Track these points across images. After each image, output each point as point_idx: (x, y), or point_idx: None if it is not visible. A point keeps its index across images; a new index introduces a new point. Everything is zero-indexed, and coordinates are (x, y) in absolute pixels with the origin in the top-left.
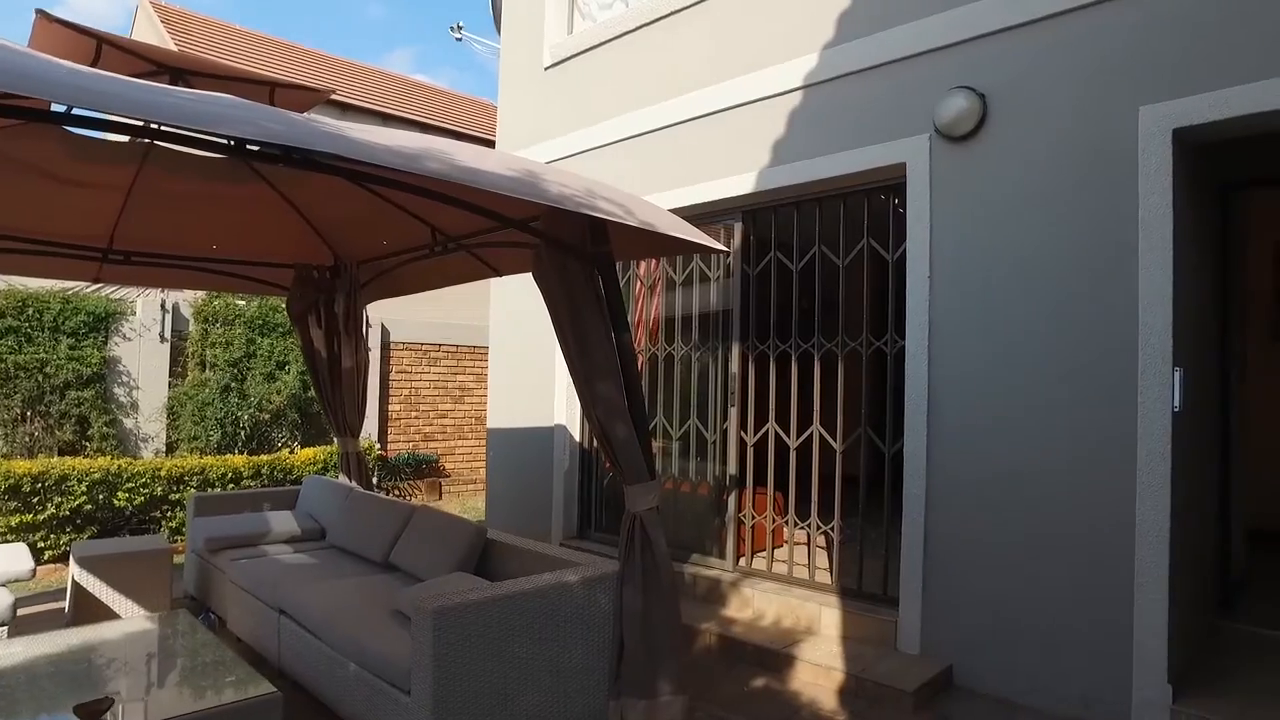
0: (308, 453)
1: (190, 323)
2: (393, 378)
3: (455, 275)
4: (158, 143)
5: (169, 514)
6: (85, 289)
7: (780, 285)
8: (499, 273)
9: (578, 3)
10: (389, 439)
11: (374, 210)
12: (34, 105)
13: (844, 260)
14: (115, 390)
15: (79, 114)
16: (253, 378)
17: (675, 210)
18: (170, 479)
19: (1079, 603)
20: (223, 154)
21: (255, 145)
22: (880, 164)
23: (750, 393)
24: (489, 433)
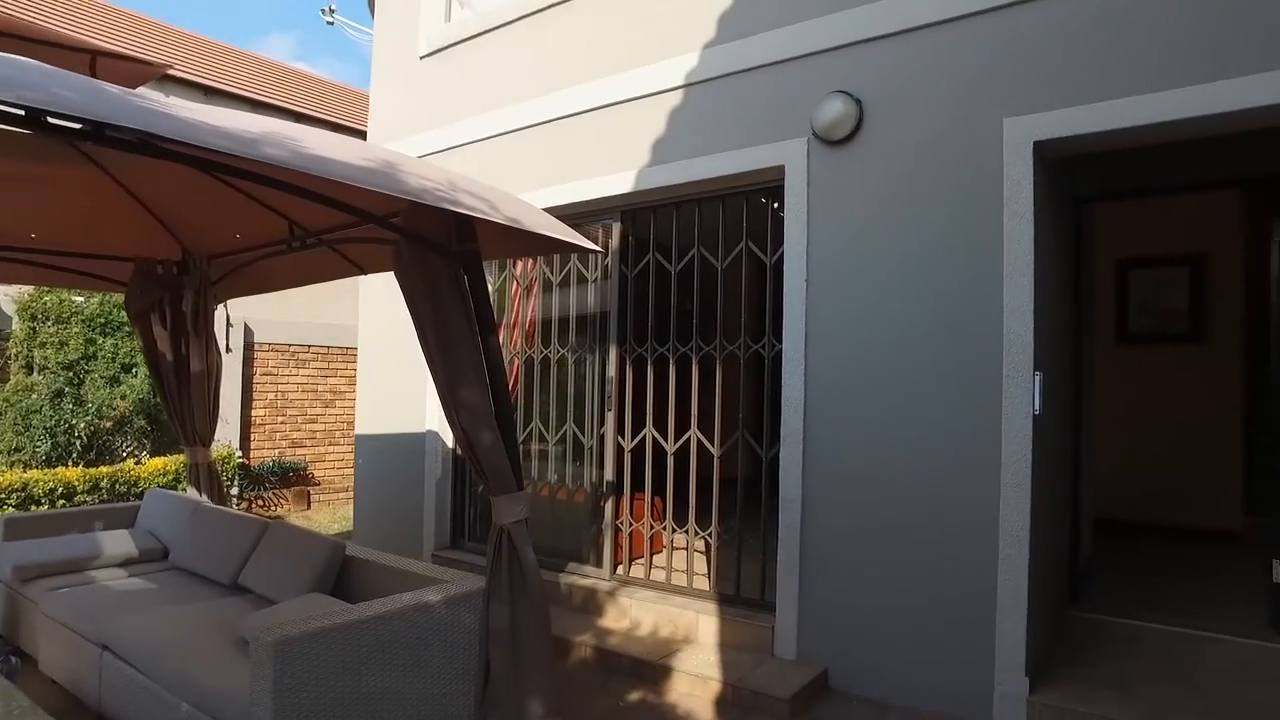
0: (157, 463)
1: (14, 320)
2: (256, 380)
3: (318, 272)
4: None
5: None
6: None
7: (659, 287)
8: (364, 270)
9: None
10: (252, 446)
11: (225, 201)
12: None
13: (723, 263)
14: None
15: None
16: (92, 381)
17: (553, 209)
18: None
19: (946, 602)
20: (17, 126)
21: (55, 118)
22: (759, 166)
23: (628, 397)
24: (357, 439)
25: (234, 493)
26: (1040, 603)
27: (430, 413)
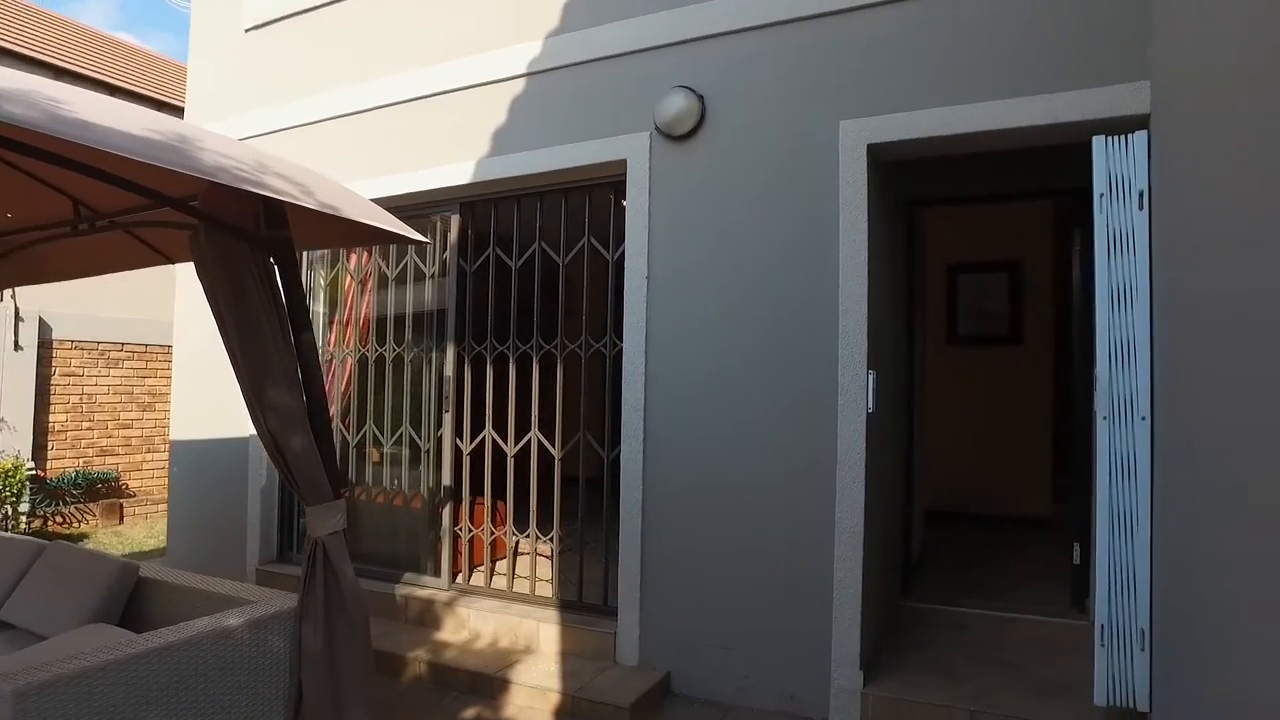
0: None
1: None
2: (55, 382)
3: (116, 260)
4: None
5: None
6: None
7: (499, 283)
8: (170, 260)
9: None
10: (49, 456)
11: None
12: None
13: (565, 258)
14: None
15: None
16: None
17: (388, 198)
18: None
19: (784, 600)
20: None
21: None
22: (602, 160)
23: (467, 397)
24: (172, 445)
25: (23, 509)
26: (875, 597)
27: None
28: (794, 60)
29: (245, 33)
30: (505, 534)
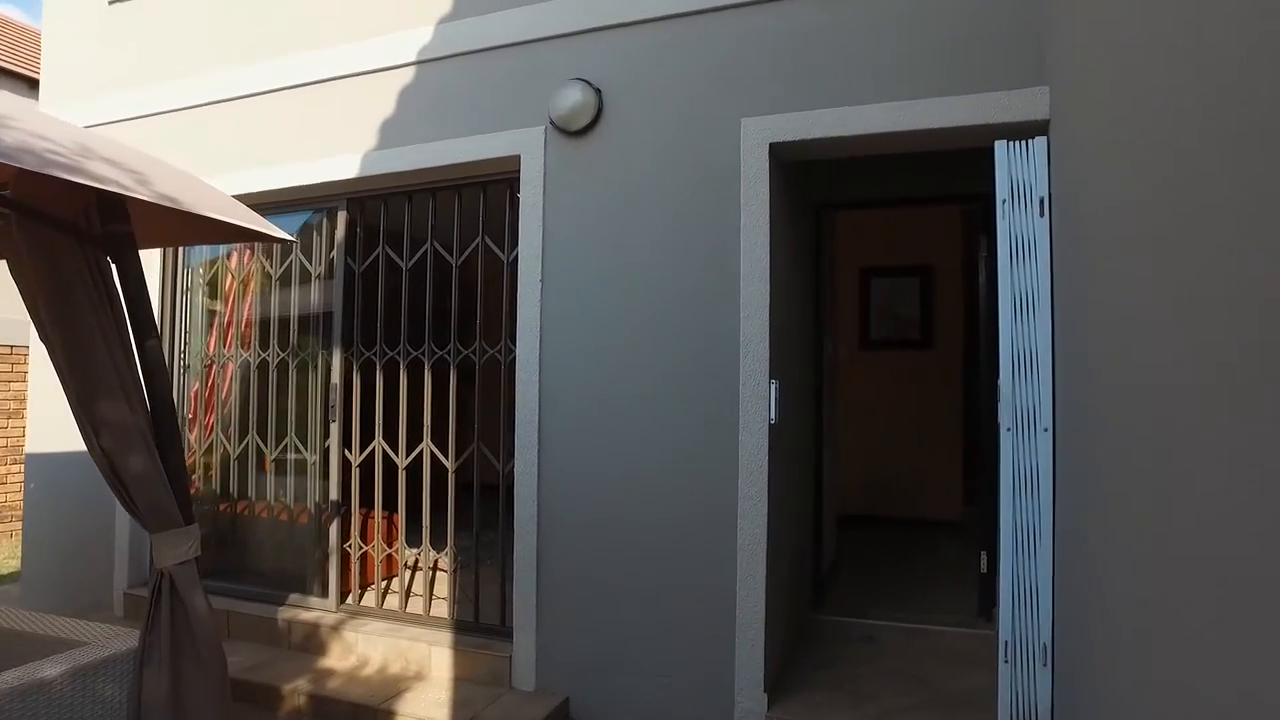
0: None
1: None
2: None
3: None
4: None
5: None
6: None
7: (389, 284)
8: None
9: None
10: None
11: None
12: None
13: (458, 259)
14: None
15: None
16: None
17: (269, 192)
18: None
19: (687, 621)
20: None
21: None
22: (496, 155)
23: (355, 405)
24: (28, 458)
25: None
26: (781, 614)
27: None
28: (696, 54)
29: (109, 5)
30: (398, 551)
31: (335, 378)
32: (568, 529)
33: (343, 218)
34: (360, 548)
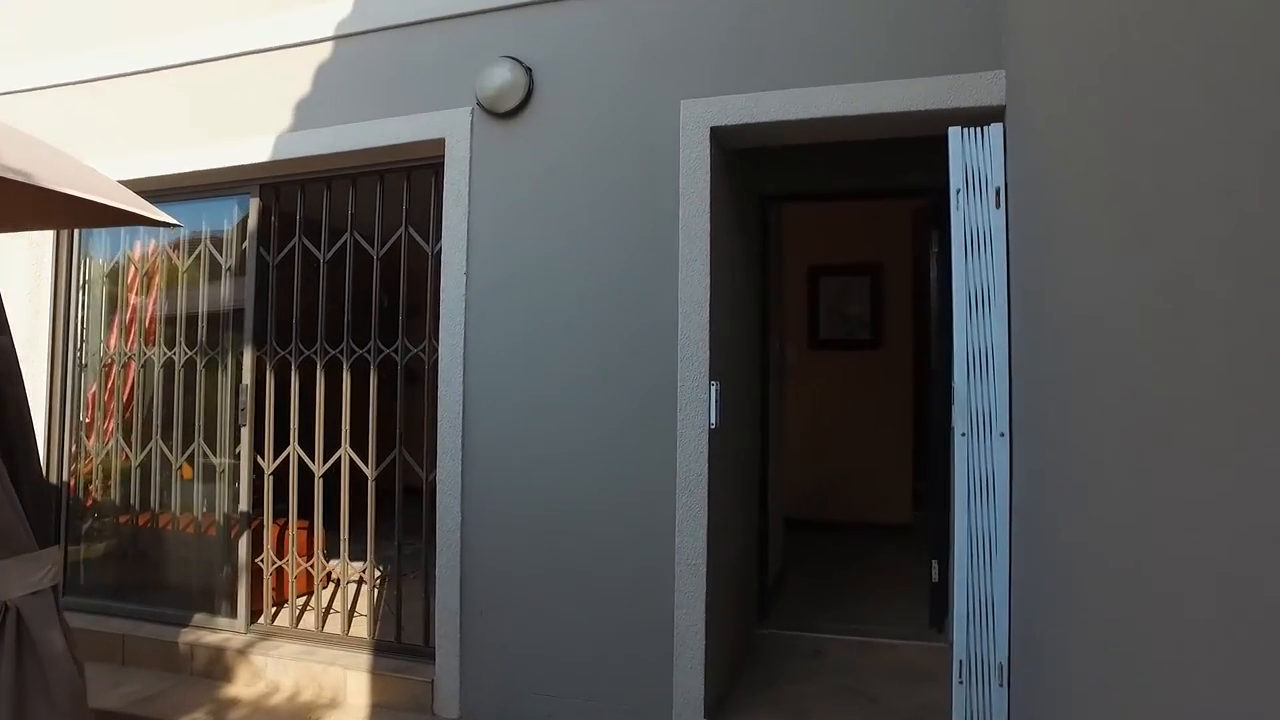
0: None
1: None
2: None
3: None
4: None
5: None
6: None
7: (307, 278)
8: None
9: None
10: None
11: None
12: None
13: (380, 251)
14: None
15: None
16: None
17: (170, 176)
18: None
19: (622, 639)
20: None
21: None
22: (418, 138)
23: (269, 409)
24: None
25: None
26: (722, 631)
27: None
28: (633, 32)
29: None
30: (314, 565)
31: (246, 378)
32: (495, 543)
33: (255, 205)
34: (274, 562)
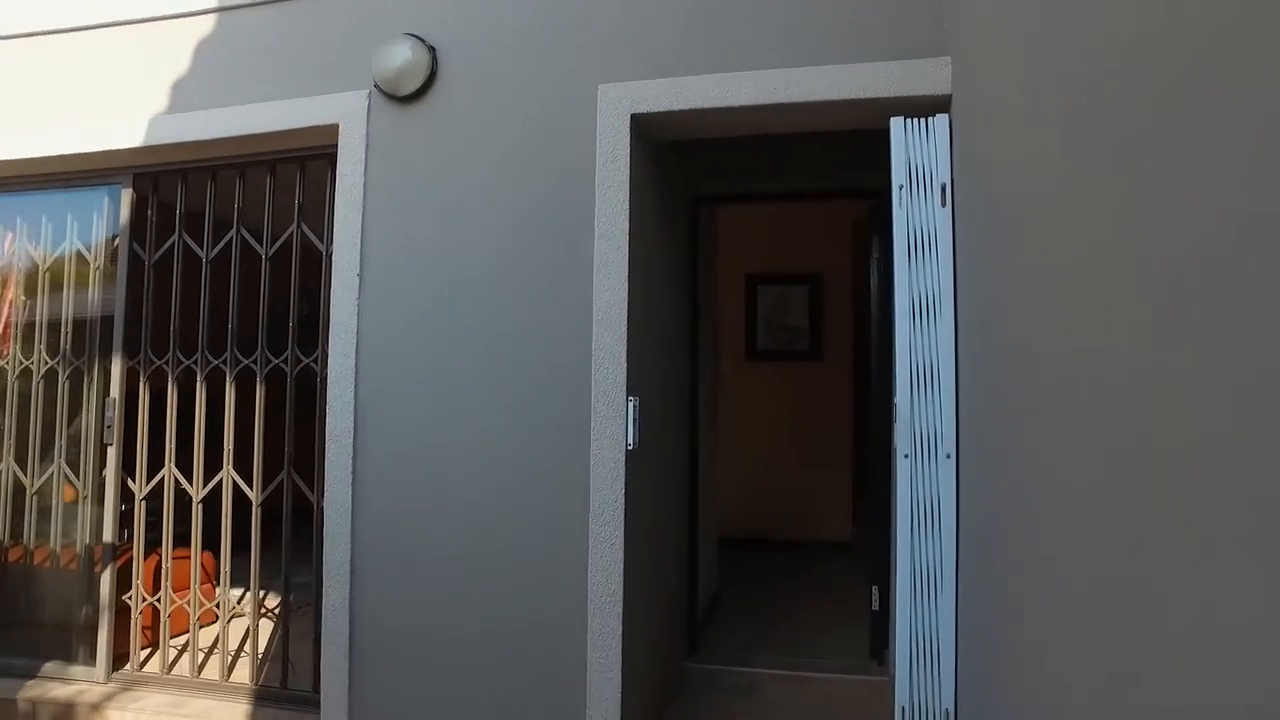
0: None
1: None
2: None
3: None
4: None
5: None
6: None
7: (187, 279)
8: None
9: None
10: None
11: None
12: None
13: (269, 249)
14: None
15: None
16: None
17: (22, 161)
18: None
19: (533, 686)
20: None
21: None
22: (310, 124)
23: (142, 425)
24: None
25: None
26: (645, 673)
27: None
28: (547, 8)
29: None
30: (187, 603)
31: (114, 391)
32: (389, 577)
33: (128, 197)
34: (144, 599)
